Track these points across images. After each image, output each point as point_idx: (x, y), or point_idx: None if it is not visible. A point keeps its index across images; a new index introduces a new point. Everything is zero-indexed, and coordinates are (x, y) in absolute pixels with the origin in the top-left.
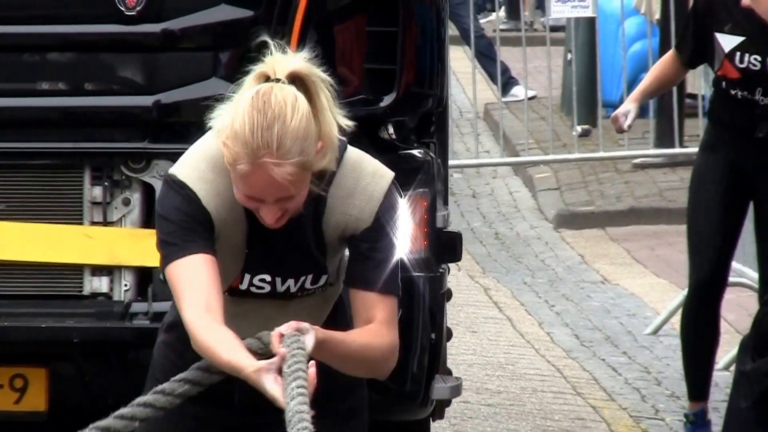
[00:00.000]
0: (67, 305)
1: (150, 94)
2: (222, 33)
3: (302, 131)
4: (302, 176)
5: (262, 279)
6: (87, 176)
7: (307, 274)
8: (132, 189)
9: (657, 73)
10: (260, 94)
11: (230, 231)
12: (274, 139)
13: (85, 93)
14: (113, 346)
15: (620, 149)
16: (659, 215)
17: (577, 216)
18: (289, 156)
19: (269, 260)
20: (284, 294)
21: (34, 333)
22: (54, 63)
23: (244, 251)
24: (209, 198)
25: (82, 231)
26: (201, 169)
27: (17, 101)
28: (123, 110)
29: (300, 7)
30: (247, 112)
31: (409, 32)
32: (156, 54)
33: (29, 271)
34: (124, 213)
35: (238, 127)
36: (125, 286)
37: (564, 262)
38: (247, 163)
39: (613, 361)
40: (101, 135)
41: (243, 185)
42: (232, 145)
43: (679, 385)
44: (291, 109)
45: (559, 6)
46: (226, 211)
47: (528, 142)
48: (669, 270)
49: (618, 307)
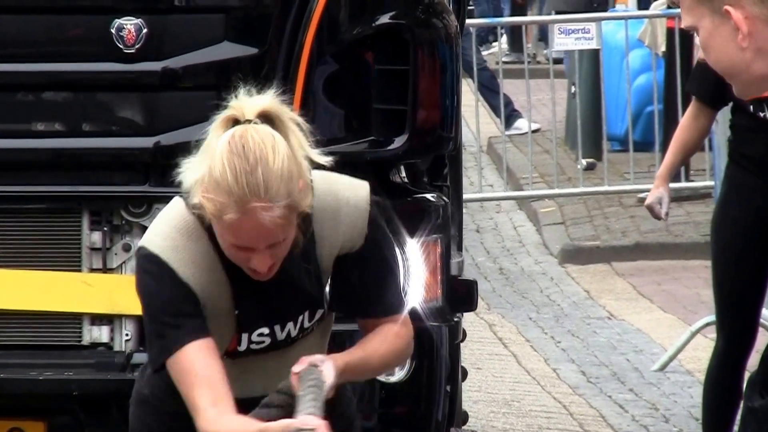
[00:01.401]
0: (65, 356)
1: (150, 135)
2: (225, 71)
3: (286, 171)
4: (291, 218)
5: (261, 333)
6: (85, 221)
7: (304, 312)
8: (133, 234)
9: (678, 141)
10: (236, 137)
11: (214, 296)
12: (260, 183)
13: (83, 134)
14: (114, 398)
15: (626, 183)
16: (665, 250)
17: (583, 251)
18: (278, 199)
19: (263, 312)
20: (285, 341)
21: (32, 385)
22: (49, 102)
23: (233, 312)
24: (184, 268)
25: (80, 278)
26: (172, 236)
27: (11, 143)
28: (122, 152)
29: (306, 44)
30: (226, 158)
31: (421, 70)
32: (156, 93)
33: (26, 320)
34: (125, 259)
35: (218, 175)
36: (126, 335)
37: (569, 298)
38: (235, 211)
39: (620, 398)
40: (100, 178)
41: (231, 236)
42: (214, 196)
43: (686, 423)
44: (272, 149)
45: (563, 38)
46: (205, 277)
47: (532, 175)
48: (676, 305)
49: (624, 343)
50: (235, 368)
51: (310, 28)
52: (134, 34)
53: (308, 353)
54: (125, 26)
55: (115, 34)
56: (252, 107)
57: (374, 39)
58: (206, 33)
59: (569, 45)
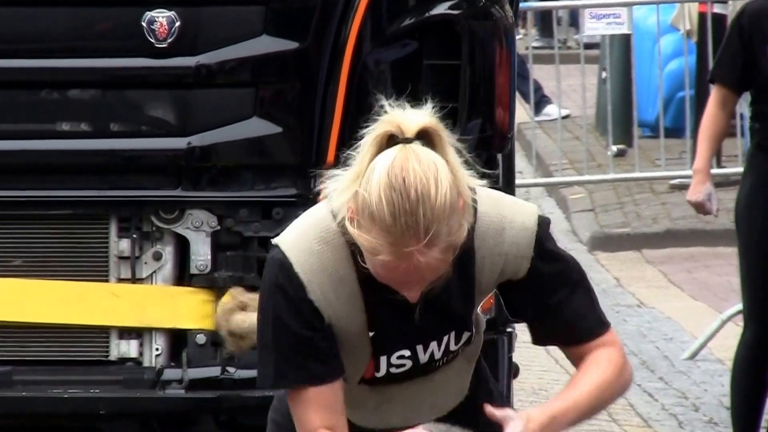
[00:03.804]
0: (92, 372)
1: (183, 135)
2: (263, 67)
3: (448, 207)
4: (449, 257)
5: (401, 356)
6: (113, 228)
7: (450, 333)
8: (164, 242)
9: (710, 132)
10: (396, 168)
11: (345, 314)
12: (420, 226)
13: (111, 135)
14: (144, 417)
15: (656, 170)
16: (696, 237)
17: (613, 238)
18: (437, 240)
19: (403, 333)
20: (429, 364)
21: (56, 404)
22: (75, 101)
23: (368, 334)
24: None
25: (108, 289)
26: (308, 238)
27: (35, 144)
28: (153, 154)
29: (350, 37)
30: (384, 192)
31: (474, 65)
32: (190, 91)
33: (49, 333)
34: (155, 269)
35: (374, 209)
36: (156, 350)
37: (599, 285)
38: (390, 254)
39: (650, 386)
40: (129, 182)
41: (383, 272)
42: (368, 230)
43: (717, 411)
44: (434, 182)
45: (594, 22)
46: (334, 292)
47: (561, 162)
48: (706, 293)
49: (654, 332)
50: (372, 397)
51: (355, 20)
52: (166, 27)
53: (452, 383)
54: (157, 19)
55: (146, 27)
56: (411, 125)
57: (423, 32)
58: (244, 26)
59: (600, 29)
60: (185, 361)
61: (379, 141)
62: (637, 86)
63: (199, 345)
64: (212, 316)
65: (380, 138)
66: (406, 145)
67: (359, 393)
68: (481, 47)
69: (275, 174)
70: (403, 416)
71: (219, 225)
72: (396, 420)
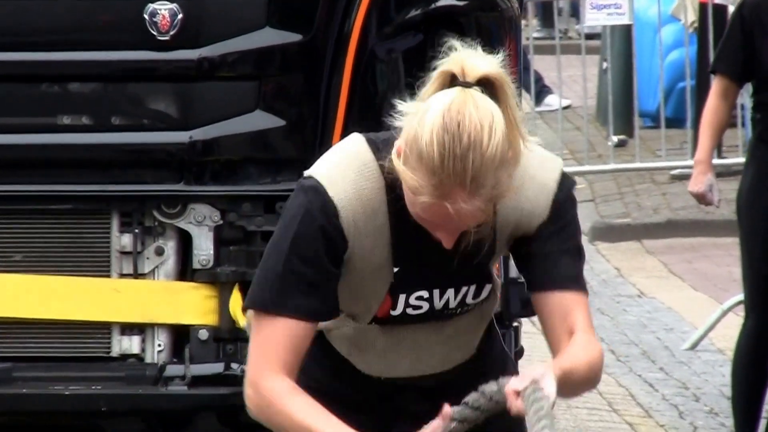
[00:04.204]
0: (93, 368)
1: (185, 129)
2: (266, 60)
3: (498, 158)
4: (490, 208)
5: (420, 297)
6: (115, 223)
7: (470, 285)
8: (166, 237)
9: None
10: (453, 111)
11: (370, 246)
12: (468, 172)
13: (112, 128)
14: (146, 415)
15: (657, 160)
16: (697, 227)
17: (613, 228)
18: (482, 190)
19: (424, 273)
20: (441, 312)
21: (56, 401)
22: (76, 94)
23: (391, 269)
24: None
25: (109, 284)
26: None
27: (35, 138)
28: (155, 148)
29: (355, 30)
30: (436, 132)
31: None
32: (192, 84)
33: (49, 329)
34: (157, 264)
35: (424, 148)
36: (159, 346)
37: (599, 276)
38: (432, 196)
39: (650, 376)
40: (131, 176)
41: (422, 211)
42: (414, 168)
43: (717, 402)
44: (489, 132)
45: (594, 13)
46: (365, 222)
47: (562, 152)
48: (707, 284)
49: (655, 322)
50: (381, 339)
51: (359, 12)
52: (169, 19)
53: (463, 335)
54: (159, 11)
55: (148, 19)
56: (476, 69)
57: (429, 23)
58: (247, 18)
59: (601, 20)
60: (188, 357)
61: (441, 79)
62: (638, 77)
63: (201, 341)
64: (215, 312)
65: (443, 76)
66: (466, 90)
67: (368, 333)
68: (488, 39)
69: (279, 168)
70: (411, 364)
71: (222, 219)
72: (402, 368)
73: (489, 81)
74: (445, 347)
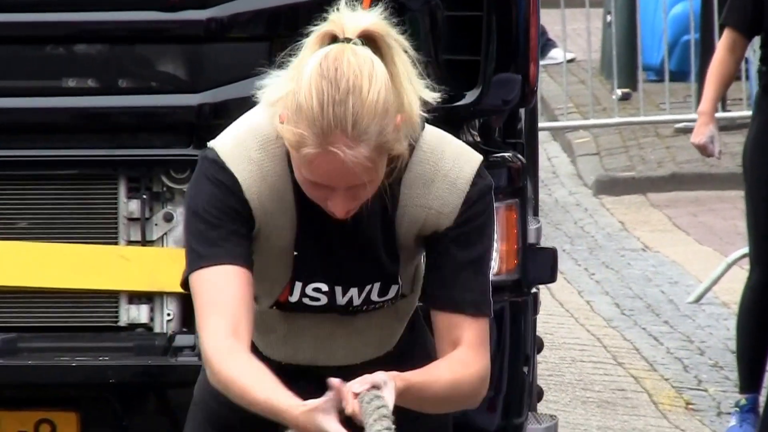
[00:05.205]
0: (100, 338)
1: (194, 92)
2: (278, 20)
3: (381, 105)
4: (378, 161)
5: (317, 288)
6: (122, 188)
7: (373, 283)
8: (174, 202)
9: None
10: (330, 59)
11: (276, 227)
12: (348, 117)
13: (119, 91)
14: (155, 386)
15: (661, 113)
16: (701, 181)
17: (618, 182)
18: (366, 137)
19: (325, 265)
20: (346, 308)
21: (63, 372)
22: (82, 56)
23: (292, 253)
24: (252, 183)
25: (117, 252)
26: (247, 146)
27: (40, 102)
28: (163, 111)
29: None
30: (314, 81)
31: (495, 16)
32: (201, 45)
33: (55, 299)
34: (166, 230)
35: (303, 100)
36: (168, 315)
37: (604, 229)
38: (315, 145)
39: (655, 330)
40: (138, 140)
41: (308, 171)
42: (295, 122)
43: (722, 355)
44: (368, 77)
45: None
46: (271, 202)
47: (567, 106)
48: (711, 237)
49: (659, 275)
50: (283, 324)
51: None
52: None
53: (374, 330)
54: None
55: None
56: (354, 24)
57: None
58: None
59: None
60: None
61: (319, 40)
62: (642, 30)
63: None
64: None
65: (320, 37)
66: (345, 43)
67: (270, 318)
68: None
69: None
70: (313, 354)
71: None
72: (304, 355)
73: (371, 36)
74: (351, 341)
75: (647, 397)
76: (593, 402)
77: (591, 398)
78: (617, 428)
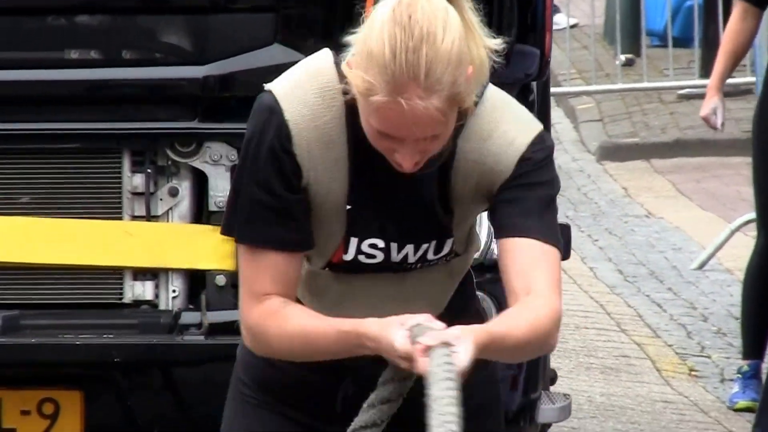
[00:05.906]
0: (104, 316)
1: (200, 63)
2: None
3: (455, 55)
4: (449, 112)
5: (373, 245)
6: (126, 162)
7: (430, 241)
8: (180, 177)
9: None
10: (403, 5)
11: (326, 180)
12: (421, 65)
13: (123, 63)
14: (160, 364)
15: (665, 79)
16: (705, 147)
17: (621, 148)
18: (438, 87)
19: (380, 220)
20: (400, 264)
21: (66, 350)
22: (85, 27)
23: (345, 208)
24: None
25: (121, 227)
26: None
27: (42, 74)
28: (168, 83)
29: None
30: (387, 28)
31: None
32: (206, 16)
33: (58, 275)
34: (171, 205)
35: (374, 45)
36: (173, 292)
37: (607, 196)
38: (386, 93)
39: (658, 296)
40: (142, 113)
41: (377, 120)
42: (365, 68)
43: (725, 322)
44: (442, 26)
45: None
46: (320, 151)
47: (570, 72)
48: (715, 203)
49: (663, 242)
50: (335, 286)
51: None
52: None
53: (426, 290)
54: None
55: None
56: None
57: None
58: None
59: None
60: (204, 304)
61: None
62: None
63: (218, 287)
64: (233, 256)
65: None
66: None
67: (322, 279)
68: None
69: None
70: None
71: None
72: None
73: None
74: (404, 301)
75: (650, 364)
76: (597, 368)
77: (594, 365)
78: (620, 395)
